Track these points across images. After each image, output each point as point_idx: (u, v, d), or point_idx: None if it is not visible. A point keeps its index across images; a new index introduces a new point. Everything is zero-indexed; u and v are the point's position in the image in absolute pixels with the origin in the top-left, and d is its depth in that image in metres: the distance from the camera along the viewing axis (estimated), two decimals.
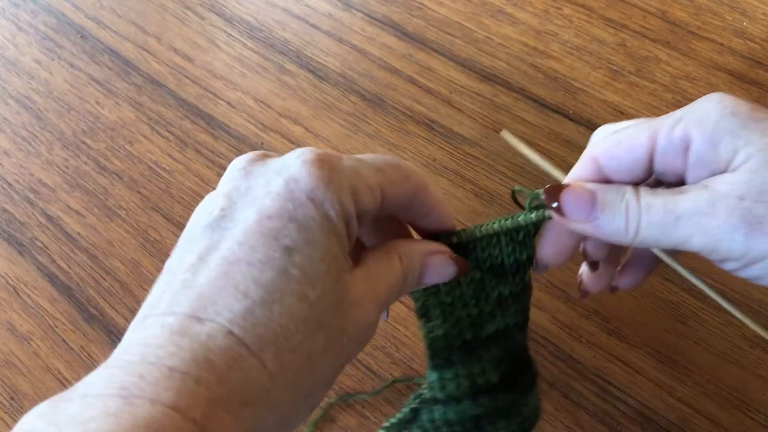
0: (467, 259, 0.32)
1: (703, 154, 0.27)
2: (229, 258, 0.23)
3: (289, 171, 0.24)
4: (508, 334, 0.34)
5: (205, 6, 0.68)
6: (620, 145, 0.29)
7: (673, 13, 0.64)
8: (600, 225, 0.29)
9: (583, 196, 0.29)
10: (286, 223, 0.23)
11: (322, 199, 0.24)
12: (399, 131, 0.58)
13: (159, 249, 0.52)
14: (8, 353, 0.48)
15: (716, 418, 0.43)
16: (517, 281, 0.33)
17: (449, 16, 0.65)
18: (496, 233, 0.32)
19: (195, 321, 0.22)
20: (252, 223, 0.23)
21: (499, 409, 0.34)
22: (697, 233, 0.27)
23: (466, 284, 0.33)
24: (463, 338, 0.33)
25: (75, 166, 0.57)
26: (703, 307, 0.47)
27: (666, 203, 0.28)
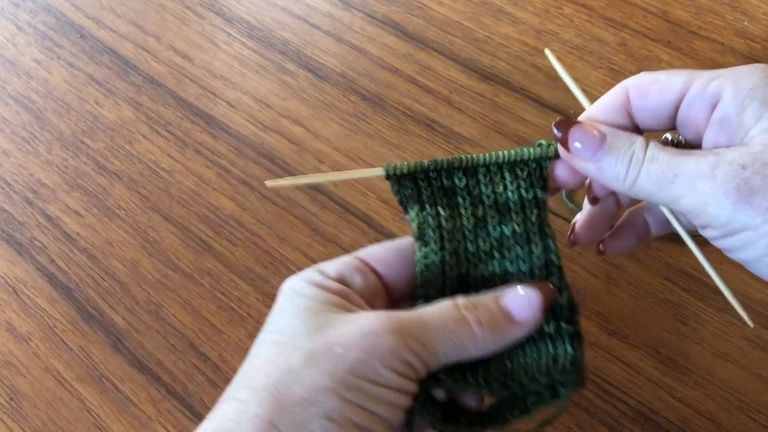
0: (473, 192, 0.33)
1: (728, 114, 0.28)
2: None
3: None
4: (506, 279, 0.32)
5: (204, 5, 0.68)
6: (654, 84, 0.30)
7: (674, 12, 0.64)
8: (602, 167, 0.30)
9: (592, 135, 0.30)
10: (272, 316, 0.30)
11: (287, 288, 0.30)
12: (399, 131, 0.58)
13: (158, 249, 0.52)
14: (7, 353, 0.48)
15: (716, 419, 0.43)
16: (520, 220, 0.32)
17: (449, 15, 0.65)
18: (497, 162, 0.32)
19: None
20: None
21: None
22: (689, 193, 0.28)
23: (467, 216, 0.33)
24: (459, 272, 0.32)
25: (74, 166, 0.57)
26: (704, 307, 0.47)
27: (670, 159, 0.28)
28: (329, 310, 0.28)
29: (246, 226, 0.53)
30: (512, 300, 0.30)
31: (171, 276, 0.51)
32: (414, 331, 0.28)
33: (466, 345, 0.29)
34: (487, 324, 0.29)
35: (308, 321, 0.28)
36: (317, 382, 0.26)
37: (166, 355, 0.47)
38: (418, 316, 0.29)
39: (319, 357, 0.26)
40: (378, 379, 0.26)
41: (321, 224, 0.53)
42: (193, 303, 0.50)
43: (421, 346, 0.28)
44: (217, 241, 0.52)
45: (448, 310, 0.29)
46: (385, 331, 0.27)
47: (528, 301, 0.30)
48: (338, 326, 0.27)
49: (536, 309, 0.30)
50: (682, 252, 0.49)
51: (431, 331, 0.28)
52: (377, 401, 0.26)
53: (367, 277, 0.31)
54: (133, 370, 0.47)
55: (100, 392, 0.46)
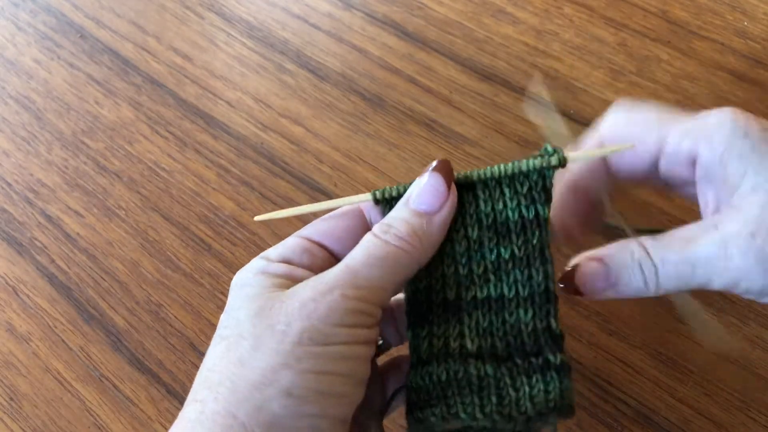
0: (467, 213, 0.31)
1: (711, 172, 0.27)
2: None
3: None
4: (502, 304, 0.31)
5: (204, 5, 0.68)
6: (629, 140, 0.30)
7: (674, 12, 0.64)
8: (621, 290, 0.30)
9: (596, 272, 0.30)
10: (222, 314, 0.30)
11: (233, 282, 0.30)
12: (399, 131, 0.58)
13: (158, 249, 0.52)
14: (7, 353, 0.48)
15: (717, 419, 0.43)
16: (520, 243, 0.31)
17: (450, 15, 0.65)
18: (494, 178, 0.31)
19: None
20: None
21: (470, 380, 0.29)
22: (715, 276, 0.28)
23: (458, 240, 0.31)
24: (445, 296, 0.31)
25: (74, 166, 0.57)
26: (704, 307, 0.47)
27: (679, 255, 0.28)
28: (272, 293, 0.28)
29: (246, 226, 0.53)
30: (419, 198, 0.30)
31: (171, 276, 0.51)
32: (345, 281, 0.28)
33: (403, 262, 0.29)
34: (407, 234, 0.29)
35: (250, 308, 0.28)
36: (268, 363, 0.26)
37: (166, 355, 0.47)
38: (345, 266, 0.29)
39: (265, 339, 0.27)
40: (328, 340, 0.27)
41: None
42: (193, 303, 0.50)
43: (360, 290, 0.28)
44: (217, 241, 0.52)
45: (369, 243, 0.29)
46: (320, 294, 0.27)
47: (433, 189, 0.30)
48: (277, 305, 0.28)
49: (444, 191, 0.30)
50: None
51: (362, 272, 0.28)
52: (334, 360, 0.27)
53: (313, 252, 0.31)
54: (133, 370, 0.47)
55: (100, 392, 0.46)
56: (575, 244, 0.35)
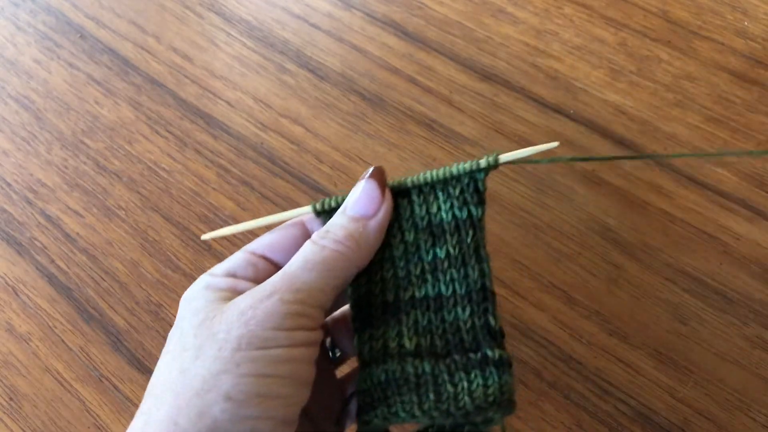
0: (402, 218, 0.32)
1: None
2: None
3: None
4: (440, 303, 0.31)
5: (204, 5, 0.68)
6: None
7: (674, 12, 0.64)
8: None
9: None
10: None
11: (181, 299, 0.31)
12: (399, 131, 0.57)
13: (158, 249, 0.52)
14: (7, 353, 0.48)
15: (717, 419, 0.43)
16: (455, 242, 0.32)
17: (449, 15, 0.65)
18: (427, 183, 0.32)
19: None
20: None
21: (408, 378, 0.30)
22: None
23: (395, 245, 0.32)
24: (384, 299, 0.32)
25: (74, 166, 0.57)
26: (704, 307, 0.47)
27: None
28: (216, 305, 0.29)
29: None
30: (354, 203, 0.31)
31: (171, 276, 0.51)
32: (284, 286, 0.29)
33: (340, 265, 0.30)
34: (345, 238, 0.30)
35: (193, 321, 0.29)
36: (209, 370, 0.26)
37: None
38: (283, 272, 0.30)
39: (206, 348, 0.27)
40: (267, 344, 0.27)
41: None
42: None
43: (296, 293, 0.28)
44: (217, 241, 0.52)
45: (307, 249, 0.30)
46: (258, 300, 0.28)
47: (368, 195, 0.32)
48: (218, 315, 0.28)
49: (378, 197, 0.32)
50: (682, 252, 0.49)
51: (300, 276, 0.29)
52: (274, 363, 0.27)
53: (258, 265, 0.32)
54: (133, 370, 0.47)
55: (100, 392, 0.46)
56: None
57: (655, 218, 0.51)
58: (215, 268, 0.32)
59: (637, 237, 0.50)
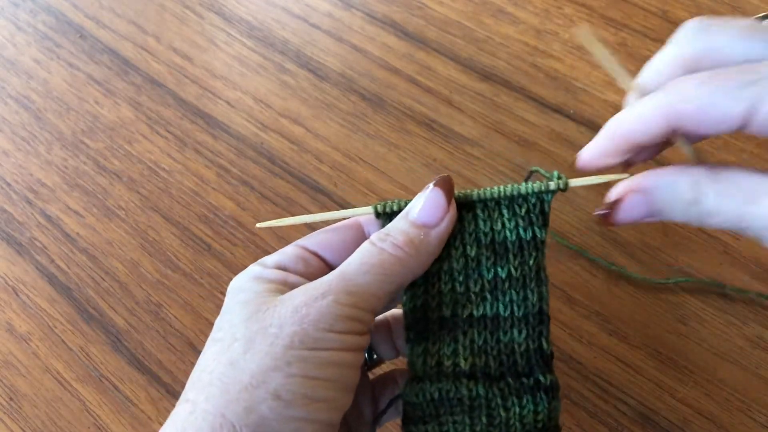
0: (465, 231, 0.32)
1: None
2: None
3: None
4: (497, 324, 0.31)
5: (204, 5, 0.68)
6: (709, 113, 0.25)
7: (674, 12, 0.64)
8: (665, 217, 0.28)
9: (637, 204, 0.28)
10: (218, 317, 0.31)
11: (230, 287, 0.31)
12: (399, 131, 0.57)
13: (158, 249, 0.52)
14: (7, 353, 0.48)
15: (717, 419, 0.43)
16: (517, 263, 0.31)
17: (449, 15, 0.65)
18: (493, 199, 0.31)
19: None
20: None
21: (462, 400, 0.30)
22: (766, 239, 0.26)
23: (455, 257, 0.32)
24: (441, 314, 0.32)
25: (74, 166, 0.57)
26: (704, 307, 0.47)
27: (737, 211, 0.26)
28: (267, 297, 0.29)
29: (246, 226, 0.53)
30: (419, 210, 0.31)
31: (171, 276, 0.51)
32: (339, 287, 0.28)
33: (396, 270, 0.29)
34: (404, 243, 0.30)
35: (243, 312, 0.28)
36: (259, 366, 0.26)
37: (166, 355, 0.47)
38: (340, 272, 0.29)
39: (257, 342, 0.27)
40: (318, 344, 0.27)
41: (321, 224, 0.53)
42: (192, 303, 0.50)
43: (353, 297, 0.28)
44: (217, 241, 0.52)
45: (364, 250, 0.30)
46: (312, 298, 0.28)
47: (433, 203, 0.31)
48: (271, 309, 0.28)
49: (444, 206, 0.31)
50: (682, 252, 0.49)
51: (356, 278, 0.29)
52: (323, 366, 0.27)
53: (309, 261, 0.32)
54: (133, 370, 0.47)
55: (100, 392, 0.46)
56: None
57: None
58: (266, 259, 0.32)
59: (637, 237, 0.50)
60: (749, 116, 0.25)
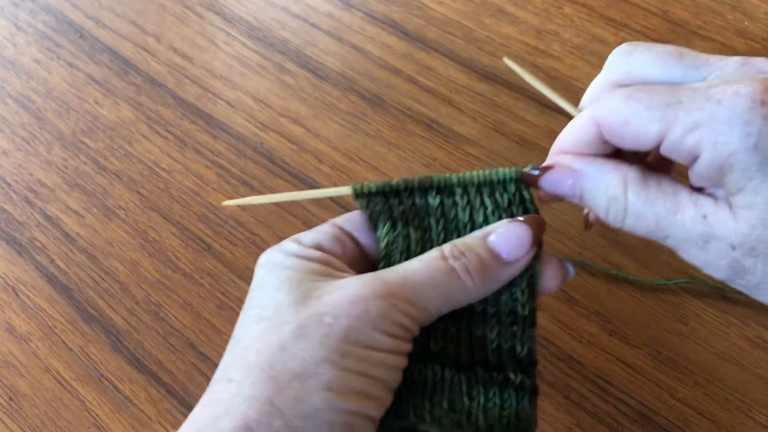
0: (447, 214, 0.31)
1: (708, 174, 0.26)
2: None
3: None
4: (471, 316, 0.31)
5: (204, 5, 0.68)
6: (627, 127, 0.27)
7: (675, 12, 0.64)
8: (583, 204, 0.29)
9: (563, 180, 0.29)
10: (253, 291, 0.30)
11: (265, 260, 0.30)
12: (399, 131, 0.57)
13: (158, 249, 0.52)
14: (7, 353, 0.48)
15: (717, 419, 0.43)
16: None
17: (449, 15, 0.65)
18: (472, 183, 0.31)
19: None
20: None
21: (426, 382, 0.29)
22: (683, 251, 0.27)
23: (437, 241, 0.31)
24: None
25: (74, 166, 0.57)
26: (704, 307, 0.47)
27: (658, 220, 0.27)
28: (313, 279, 0.28)
29: (246, 226, 0.53)
30: (501, 239, 0.29)
31: (171, 276, 0.51)
32: (402, 293, 0.27)
33: (457, 296, 0.29)
34: (476, 270, 0.29)
35: (292, 293, 0.27)
36: (311, 355, 0.26)
37: (166, 355, 0.47)
38: (405, 276, 0.28)
39: (310, 329, 0.26)
40: (372, 344, 0.26)
41: (321, 224, 0.53)
42: (193, 303, 0.50)
43: (411, 306, 0.27)
44: (217, 241, 0.52)
45: (435, 263, 0.29)
46: (373, 296, 0.27)
47: (518, 239, 0.29)
48: (324, 295, 0.27)
49: (527, 246, 0.29)
50: None
51: (419, 290, 0.28)
52: (375, 365, 0.26)
53: (345, 243, 0.31)
54: (133, 370, 0.47)
55: (100, 392, 0.46)
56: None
57: None
58: (301, 236, 0.31)
59: (637, 237, 0.50)
60: (662, 137, 0.26)
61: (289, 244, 0.30)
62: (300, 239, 0.31)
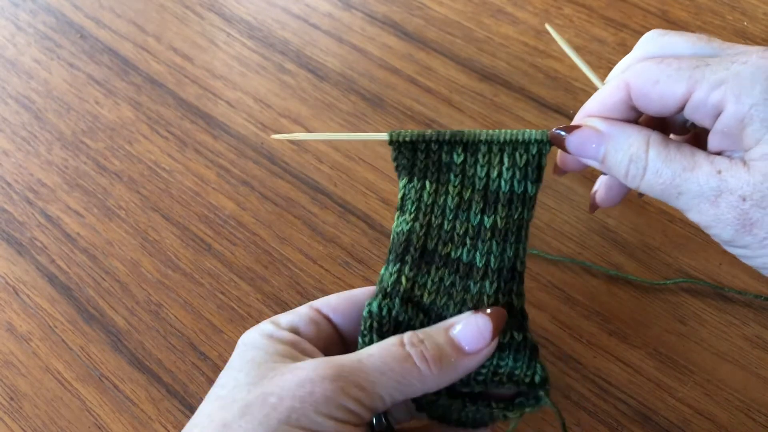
0: (467, 172, 0.33)
1: (729, 128, 0.28)
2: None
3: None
4: (469, 271, 0.32)
5: (204, 5, 0.68)
6: (655, 87, 0.29)
7: (674, 12, 0.64)
8: (605, 168, 0.31)
9: (589, 139, 0.31)
10: (223, 370, 0.31)
11: (240, 341, 0.31)
12: None
13: (158, 249, 0.52)
14: (7, 353, 0.48)
15: (717, 419, 0.43)
16: (504, 215, 0.32)
17: (449, 15, 0.65)
18: (499, 141, 0.32)
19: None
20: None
21: (411, 326, 0.31)
22: (694, 210, 0.29)
23: (453, 195, 0.33)
24: (424, 243, 0.32)
25: (74, 166, 0.57)
26: (704, 307, 0.47)
27: (674, 176, 0.28)
28: (276, 361, 0.29)
29: (246, 226, 0.53)
30: (462, 330, 0.30)
31: (171, 276, 0.51)
32: (352, 376, 0.27)
33: (412, 383, 0.29)
34: (434, 359, 0.29)
35: (251, 373, 0.28)
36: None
37: (166, 355, 0.47)
38: (359, 360, 0.28)
39: (254, 408, 0.27)
40: (313, 427, 0.26)
41: (321, 224, 0.53)
42: (193, 303, 0.50)
43: (361, 391, 0.27)
44: (217, 241, 0.52)
45: (392, 349, 0.29)
46: (321, 378, 0.27)
47: (479, 331, 0.30)
48: (278, 376, 0.28)
49: (487, 338, 0.30)
50: (682, 252, 0.50)
51: (372, 374, 0.28)
52: None
53: (321, 325, 0.32)
54: (133, 370, 0.47)
55: (100, 392, 0.46)
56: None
57: (655, 218, 0.51)
58: (280, 318, 0.32)
59: (637, 237, 0.50)
60: (688, 96, 0.28)
61: (265, 325, 0.31)
62: (278, 321, 0.32)
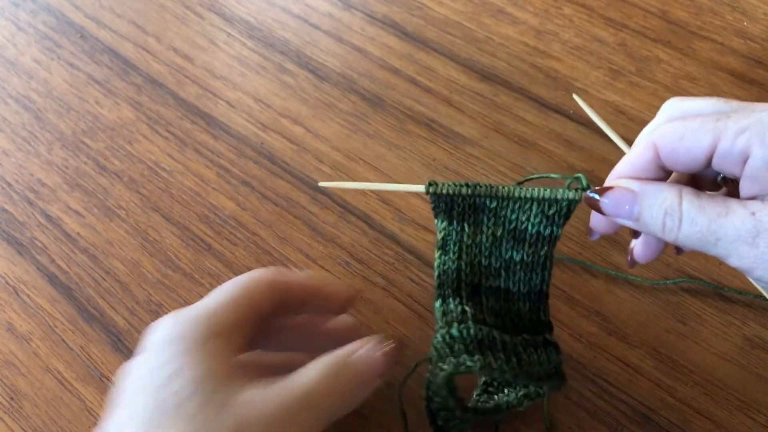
0: (498, 215, 0.36)
1: (758, 172, 0.28)
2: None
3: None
4: (508, 296, 0.37)
5: (204, 5, 0.68)
6: (682, 142, 0.30)
7: (674, 12, 0.64)
8: (641, 226, 0.32)
9: (623, 199, 0.32)
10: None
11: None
12: (399, 131, 0.58)
13: (158, 249, 0.52)
14: (7, 353, 0.48)
15: (717, 419, 0.43)
16: (530, 252, 0.37)
17: (449, 15, 0.65)
18: (531, 199, 0.35)
19: None
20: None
21: (495, 342, 0.34)
22: (734, 255, 0.29)
23: (486, 235, 0.36)
24: (472, 279, 0.37)
25: (74, 166, 0.57)
26: (704, 307, 0.47)
27: (709, 223, 0.29)
28: (232, 386, 0.33)
29: (246, 226, 0.53)
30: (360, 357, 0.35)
31: (171, 276, 0.51)
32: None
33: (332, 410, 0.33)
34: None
35: (207, 389, 0.33)
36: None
37: None
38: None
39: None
40: None
41: (321, 224, 0.53)
42: (193, 303, 0.50)
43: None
44: (217, 241, 0.52)
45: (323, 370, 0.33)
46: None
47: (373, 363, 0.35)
48: (232, 402, 0.32)
49: (379, 373, 0.35)
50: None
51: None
52: None
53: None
54: None
55: (101, 392, 0.46)
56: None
57: None
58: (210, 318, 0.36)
59: None
60: (714, 147, 0.29)
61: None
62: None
